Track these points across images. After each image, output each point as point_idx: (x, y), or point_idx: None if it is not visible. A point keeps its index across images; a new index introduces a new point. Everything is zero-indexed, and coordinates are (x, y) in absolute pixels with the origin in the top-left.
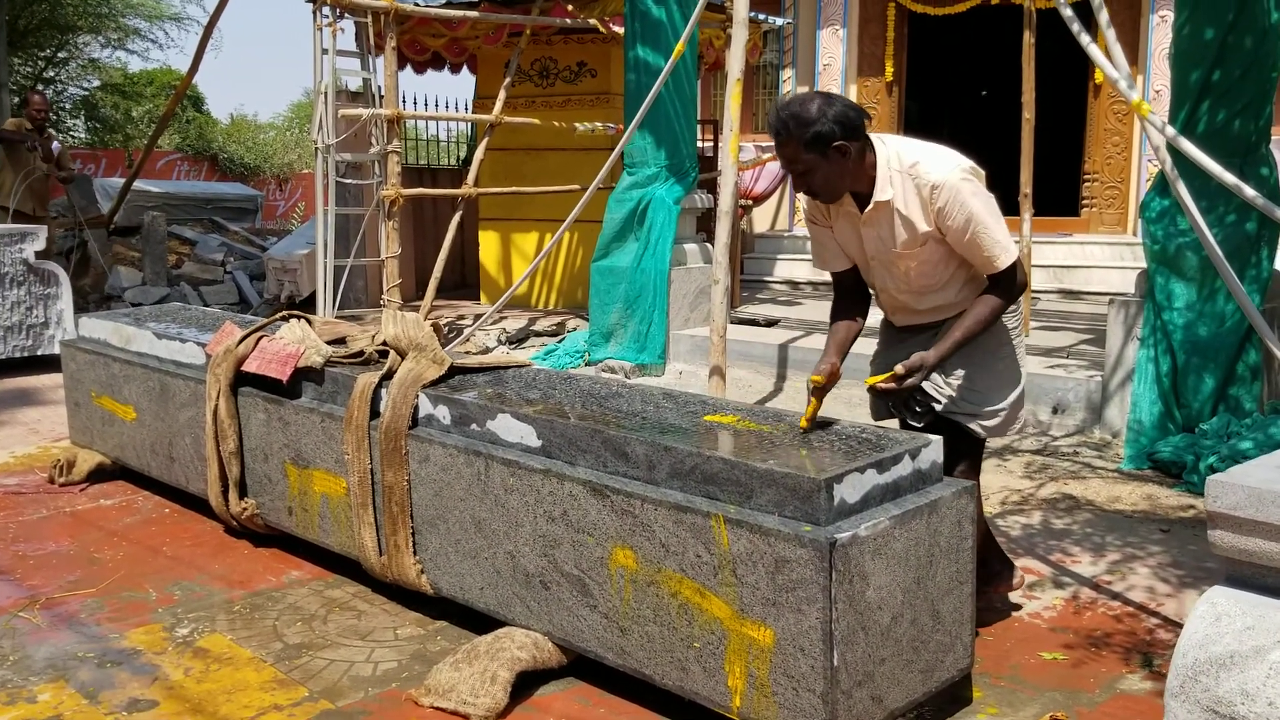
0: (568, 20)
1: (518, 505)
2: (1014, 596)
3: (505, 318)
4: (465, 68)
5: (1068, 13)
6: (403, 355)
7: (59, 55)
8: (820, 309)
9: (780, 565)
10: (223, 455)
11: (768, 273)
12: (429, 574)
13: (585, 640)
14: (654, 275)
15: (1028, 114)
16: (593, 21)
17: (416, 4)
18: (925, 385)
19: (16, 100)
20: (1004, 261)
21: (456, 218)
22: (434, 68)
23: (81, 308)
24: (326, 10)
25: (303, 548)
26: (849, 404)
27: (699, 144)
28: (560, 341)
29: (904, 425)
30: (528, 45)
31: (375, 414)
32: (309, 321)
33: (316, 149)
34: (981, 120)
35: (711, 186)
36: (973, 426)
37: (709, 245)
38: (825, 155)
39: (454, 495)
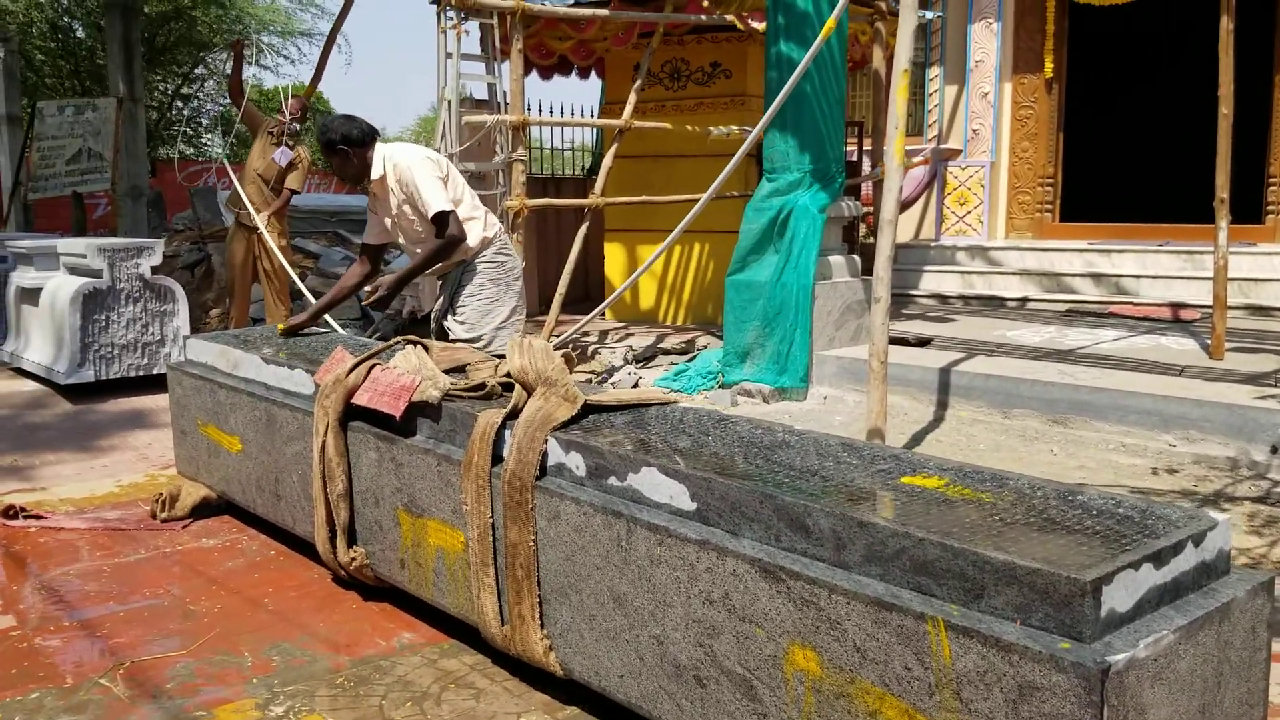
0: (703, 17)
1: (667, 581)
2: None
3: (632, 334)
4: (593, 71)
5: None
6: (529, 390)
7: (196, 72)
8: (976, 326)
9: (1026, 693)
10: (330, 497)
11: (912, 285)
12: (558, 652)
13: None
14: (796, 290)
15: (1225, 108)
16: (729, 18)
17: (544, 4)
18: (448, 319)
19: (155, 117)
20: (434, 208)
21: (583, 229)
22: (560, 73)
23: (203, 324)
24: (451, 12)
25: (416, 603)
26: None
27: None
28: (691, 360)
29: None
30: (659, 46)
31: (498, 459)
32: (426, 348)
33: None
34: (1153, 118)
35: (856, 193)
36: (460, 336)
37: (855, 258)
38: (335, 153)
39: (589, 562)
